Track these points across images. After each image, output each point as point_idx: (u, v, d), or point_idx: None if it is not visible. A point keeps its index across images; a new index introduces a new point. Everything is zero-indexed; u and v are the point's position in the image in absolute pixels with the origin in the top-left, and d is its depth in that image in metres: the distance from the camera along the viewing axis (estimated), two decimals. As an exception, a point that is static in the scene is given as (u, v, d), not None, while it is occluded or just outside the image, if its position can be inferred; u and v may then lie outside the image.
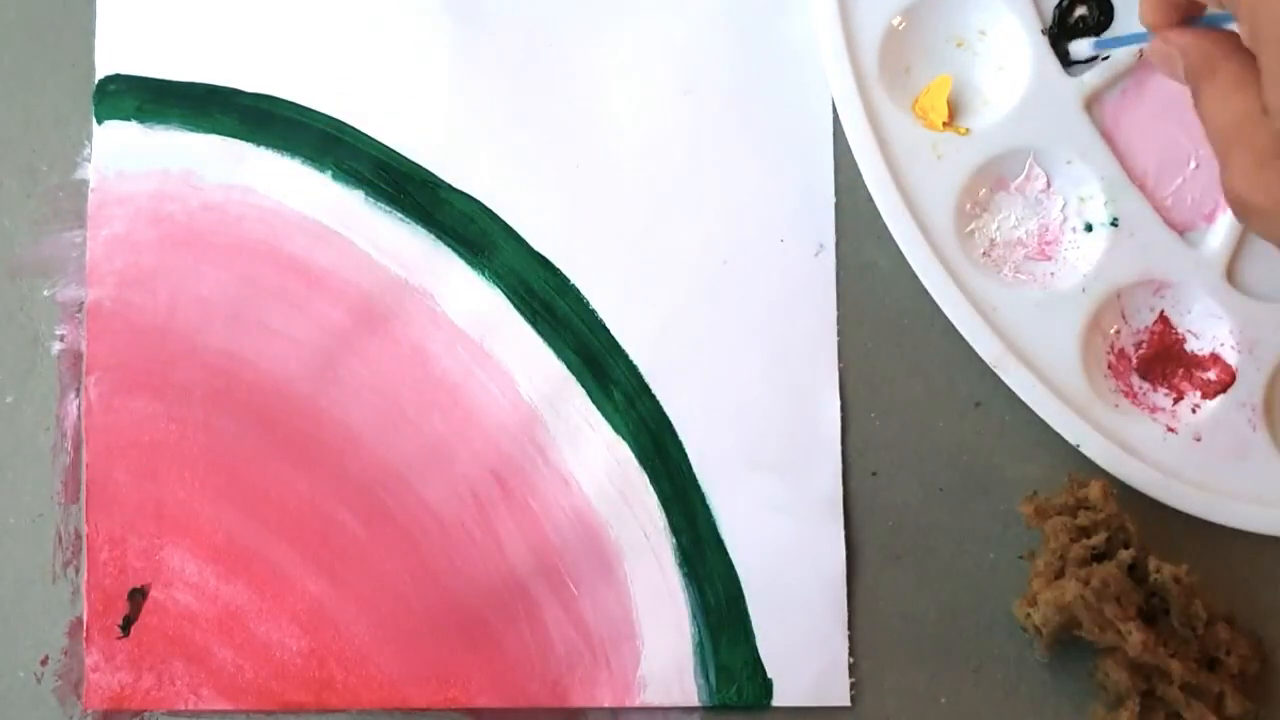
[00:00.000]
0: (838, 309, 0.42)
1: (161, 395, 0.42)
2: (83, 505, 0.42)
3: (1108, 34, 0.41)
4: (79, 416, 0.42)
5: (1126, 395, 0.41)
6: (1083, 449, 0.40)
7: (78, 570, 0.42)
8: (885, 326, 0.42)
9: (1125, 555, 0.38)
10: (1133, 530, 0.39)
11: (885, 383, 0.42)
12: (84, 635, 0.41)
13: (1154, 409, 0.41)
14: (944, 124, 0.42)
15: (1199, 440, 0.41)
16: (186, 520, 0.42)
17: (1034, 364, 0.41)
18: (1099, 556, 0.39)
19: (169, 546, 0.42)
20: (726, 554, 0.41)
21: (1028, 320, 0.41)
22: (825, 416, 0.42)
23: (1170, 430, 0.41)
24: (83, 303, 0.42)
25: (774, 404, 0.42)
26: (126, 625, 0.41)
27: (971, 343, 0.41)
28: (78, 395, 0.42)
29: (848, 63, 0.41)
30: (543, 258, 0.43)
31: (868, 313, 0.42)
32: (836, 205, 0.42)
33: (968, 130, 0.42)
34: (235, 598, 0.41)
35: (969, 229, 0.42)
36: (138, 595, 0.41)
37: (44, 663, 0.41)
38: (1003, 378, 0.41)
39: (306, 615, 0.41)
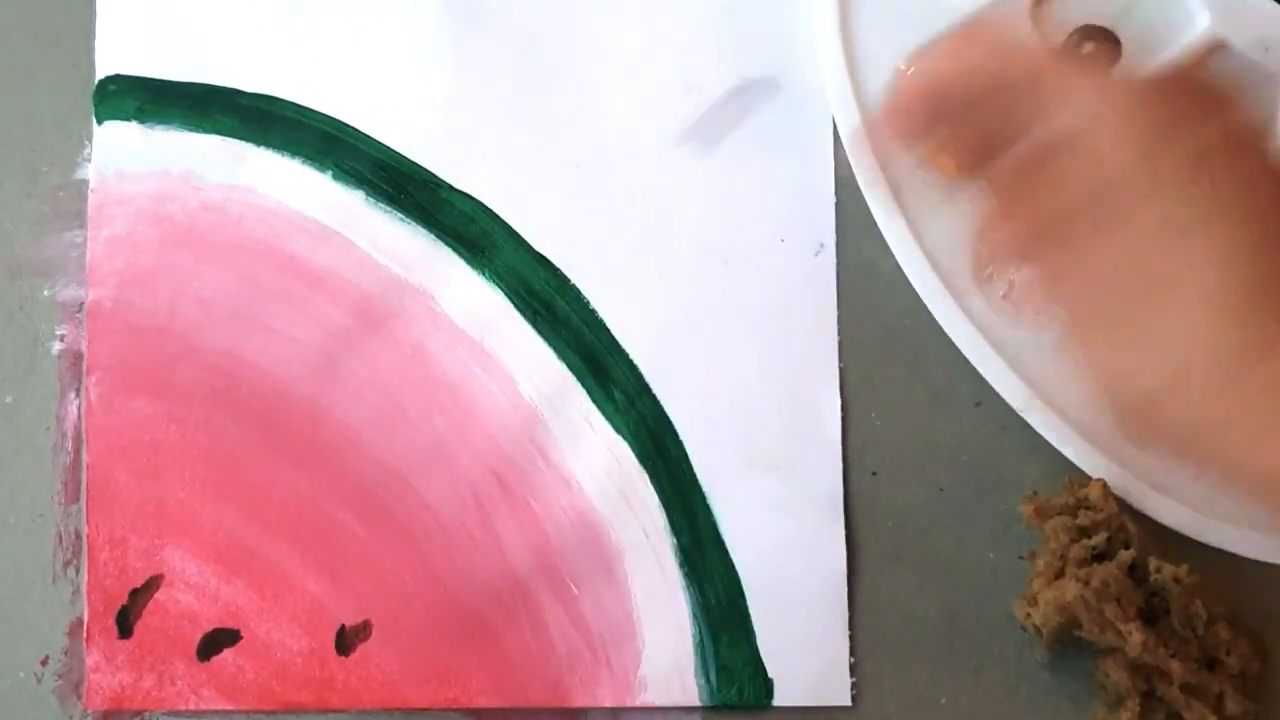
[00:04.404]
0: (838, 309, 0.42)
1: (162, 395, 0.42)
2: (83, 505, 0.42)
3: None
4: (79, 416, 0.42)
5: None
6: (1113, 488, 0.40)
7: (78, 570, 0.42)
8: (885, 326, 0.42)
9: (1125, 555, 0.38)
10: (1133, 530, 0.39)
11: (885, 383, 0.42)
12: (84, 635, 0.41)
13: None
14: (956, 168, 0.41)
15: None
16: (187, 520, 0.42)
17: (1060, 406, 0.40)
18: (1099, 556, 0.39)
19: (169, 547, 0.42)
20: (727, 553, 0.41)
21: (1051, 362, 0.40)
22: (825, 416, 0.42)
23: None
24: (83, 303, 0.42)
25: (774, 404, 0.42)
26: (126, 626, 0.41)
27: (998, 390, 0.40)
28: (78, 395, 0.42)
29: (856, 109, 0.41)
30: (543, 258, 0.43)
31: (868, 313, 0.42)
32: (836, 205, 0.43)
33: None
34: (235, 598, 0.41)
35: (987, 271, 0.41)
36: (139, 594, 0.41)
37: (44, 663, 0.41)
38: (1030, 422, 0.40)
39: (306, 615, 0.41)
